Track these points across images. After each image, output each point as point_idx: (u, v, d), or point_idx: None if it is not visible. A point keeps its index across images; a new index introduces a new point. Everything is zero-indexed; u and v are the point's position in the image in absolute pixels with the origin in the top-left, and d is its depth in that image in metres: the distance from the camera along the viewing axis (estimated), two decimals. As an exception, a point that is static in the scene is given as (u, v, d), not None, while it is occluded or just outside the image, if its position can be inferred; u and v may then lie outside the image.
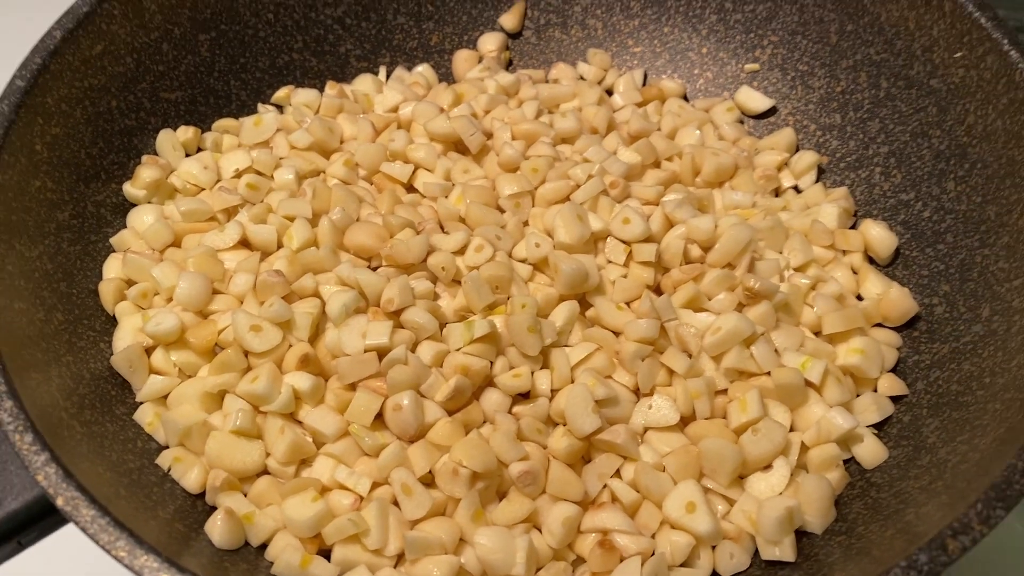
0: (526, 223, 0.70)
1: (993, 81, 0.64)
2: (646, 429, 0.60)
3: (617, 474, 0.59)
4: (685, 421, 0.61)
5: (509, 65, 0.86)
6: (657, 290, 0.67)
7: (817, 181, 0.76)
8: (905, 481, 0.57)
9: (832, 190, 0.75)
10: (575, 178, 0.71)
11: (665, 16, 0.83)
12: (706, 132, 0.78)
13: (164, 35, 0.73)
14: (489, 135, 0.76)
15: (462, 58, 0.84)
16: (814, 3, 0.77)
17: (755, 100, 0.81)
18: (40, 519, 0.51)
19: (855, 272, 0.70)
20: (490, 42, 0.84)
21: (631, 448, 0.58)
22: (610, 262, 0.68)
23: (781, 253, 0.69)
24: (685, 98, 0.83)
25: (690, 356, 0.62)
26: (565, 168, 0.72)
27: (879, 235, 0.70)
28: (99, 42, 0.68)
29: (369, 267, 0.66)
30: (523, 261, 0.67)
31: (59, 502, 0.46)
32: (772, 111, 0.81)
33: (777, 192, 0.76)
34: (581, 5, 0.85)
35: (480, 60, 0.84)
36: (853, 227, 0.73)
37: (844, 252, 0.71)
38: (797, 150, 0.78)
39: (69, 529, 0.52)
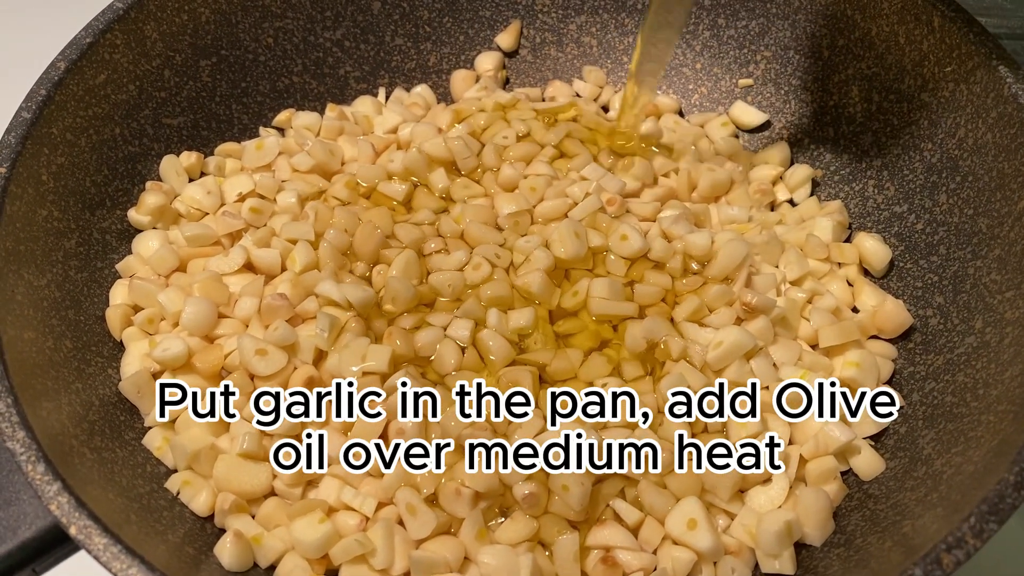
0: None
1: (983, 95, 0.64)
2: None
3: (620, 492, 0.59)
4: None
5: (506, 84, 0.87)
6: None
7: (812, 194, 0.77)
8: (902, 493, 0.57)
9: (827, 203, 0.76)
10: (573, 196, 0.72)
11: (659, 33, 0.84)
12: (701, 147, 0.79)
13: (165, 62, 0.74)
14: (488, 154, 0.77)
15: (460, 78, 0.85)
16: (806, 19, 0.77)
17: (749, 115, 0.82)
18: (53, 547, 0.52)
19: (850, 285, 0.71)
20: (487, 61, 0.85)
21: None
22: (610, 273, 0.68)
23: (777, 267, 0.70)
24: (680, 113, 0.84)
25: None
26: (563, 186, 0.73)
27: (873, 248, 0.71)
28: (102, 71, 0.68)
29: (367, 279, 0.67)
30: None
31: (72, 531, 0.47)
32: (766, 125, 0.82)
33: (772, 206, 0.77)
34: (576, 23, 0.85)
35: (477, 79, 0.85)
36: (848, 240, 0.74)
37: (839, 265, 0.72)
38: (791, 164, 0.79)
39: (82, 556, 0.53)
